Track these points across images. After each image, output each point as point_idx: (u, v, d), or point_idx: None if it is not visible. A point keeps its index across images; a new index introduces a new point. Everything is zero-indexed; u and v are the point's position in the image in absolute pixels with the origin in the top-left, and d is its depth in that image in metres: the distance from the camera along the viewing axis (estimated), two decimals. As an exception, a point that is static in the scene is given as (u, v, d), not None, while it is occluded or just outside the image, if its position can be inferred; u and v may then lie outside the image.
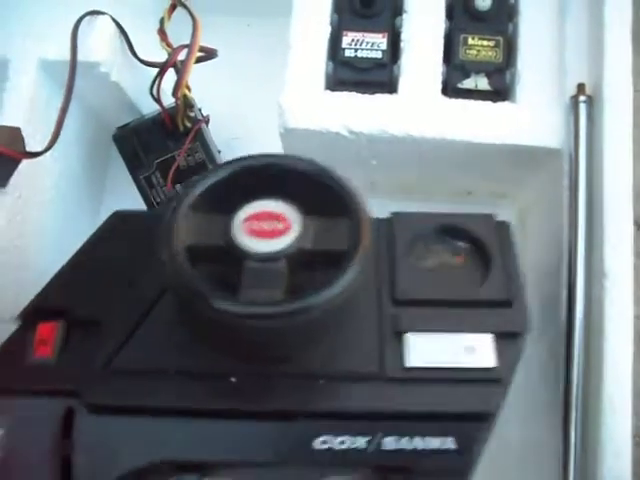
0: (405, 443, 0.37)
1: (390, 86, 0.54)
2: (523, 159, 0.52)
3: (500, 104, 0.52)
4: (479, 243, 0.43)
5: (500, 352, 0.39)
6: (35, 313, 0.40)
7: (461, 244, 0.44)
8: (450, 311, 0.40)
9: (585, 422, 0.46)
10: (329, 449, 0.37)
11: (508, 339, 0.39)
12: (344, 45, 0.54)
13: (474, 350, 0.39)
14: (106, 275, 0.42)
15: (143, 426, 0.38)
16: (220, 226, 0.36)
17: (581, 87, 0.50)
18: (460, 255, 0.44)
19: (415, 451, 0.37)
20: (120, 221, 0.44)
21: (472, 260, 0.43)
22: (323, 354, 0.38)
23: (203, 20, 0.55)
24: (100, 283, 0.42)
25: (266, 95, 0.53)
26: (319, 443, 0.37)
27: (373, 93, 0.53)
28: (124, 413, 0.37)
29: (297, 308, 0.34)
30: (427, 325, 0.39)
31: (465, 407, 0.37)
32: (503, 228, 0.44)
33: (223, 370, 0.38)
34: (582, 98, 0.50)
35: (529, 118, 0.51)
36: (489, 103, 0.52)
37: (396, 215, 0.45)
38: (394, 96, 0.53)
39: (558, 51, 0.53)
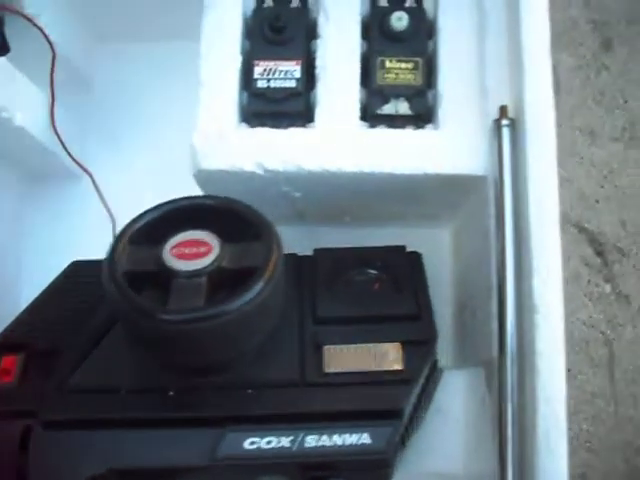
0: (325, 440, 0.42)
1: (307, 116, 0.52)
2: (449, 186, 0.50)
3: (421, 131, 0.50)
4: (392, 271, 0.49)
5: (408, 357, 0.45)
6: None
7: (377, 273, 0.50)
8: (364, 326, 0.46)
9: (522, 462, 0.44)
10: (258, 449, 0.42)
11: (416, 346, 0.45)
12: (256, 75, 0.52)
13: (384, 357, 0.45)
14: (61, 315, 0.48)
15: (93, 438, 0.43)
16: (153, 254, 0.42)
17: (503, 109, 0.48)
18: (376, 283, 0.49)
19: (335, 447, 0.42)
20: (76, 270, 0.50)
21: (386, 286, 0.49)
22: (250, 367, 0.44)
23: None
24: (56, 321, 0.47)
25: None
26: (248, 444, 0.42)
27: (288, 126, 0.51)
28: (76, 427, 0.43)
29: (212, 313, 0.39)
30: (343, 339, 0.45)
31: (377, 405, 0.43)
32: (414, 257, 0.51)
33: (162, 385, 0.43)
34: (505, 122, 0.48)
35: (452, 145, 0.49)
36: (410, 131, 0.50)
37: (318, 251, 0.50)
38: (310, 129, 0.51)
39: (479, 71, 0.50)
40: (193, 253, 0.41)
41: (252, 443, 0.42)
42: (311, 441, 0.42)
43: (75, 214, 0.63)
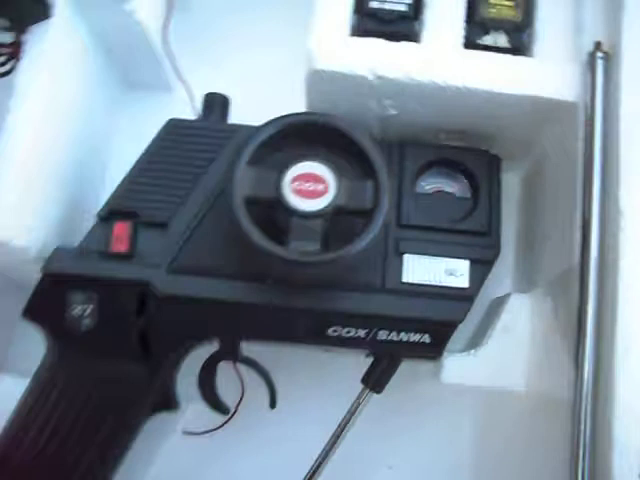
0: (393, 336, 0.51)
1: (413, 39, 0.55)
2: (541, 111, 0.54)
3: (519, 57, 0.54)
4: (471, 175, 0.55)
5: (472, 275, 0.52)
6: (111, 213, 0.51)
7: (457, 174, 0.56)
8: (441, 236, 0.53)
9: (597, 369, 0.47)
10: (338, 336, 0.51)
11: (480, 264, 0.52)
12: (370, -4, 0.56)
13: (453, 273, 0.52)
14: (167, 179, 0.51)
15: (200, 313, 0.50)
16: (272, 182, 0.46)
17: (598, 44, 0.52)
18: (455, 184, 0.56)
19: (400, 342, 0.51)
20: (175, 127, 0.53)
21: (463, 189, 0.55)
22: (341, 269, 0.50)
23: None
24: (163, 187, 0.51)
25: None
26: (331, 331, 0.51)
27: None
28: (185, 302, 0.50)
29: (330, 258, 0.46)
30: (422, 249, 0.52)
31: (442, 316, 0.51)
32: (494, 162, 0.55)
33: (264, 273, 0.50)
34: (599, 54, 0.52)
35: (547, 72, 0.53)
36: (509, 56, 0.54)
37: (406, 145, 0.55)
38: (418, 45, 0.54)
39: (575, 10, 0.55)
40: (311, 191, 0.46)
41: (334, 331, 0.51)
42: (382, 335, 0.51)
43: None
